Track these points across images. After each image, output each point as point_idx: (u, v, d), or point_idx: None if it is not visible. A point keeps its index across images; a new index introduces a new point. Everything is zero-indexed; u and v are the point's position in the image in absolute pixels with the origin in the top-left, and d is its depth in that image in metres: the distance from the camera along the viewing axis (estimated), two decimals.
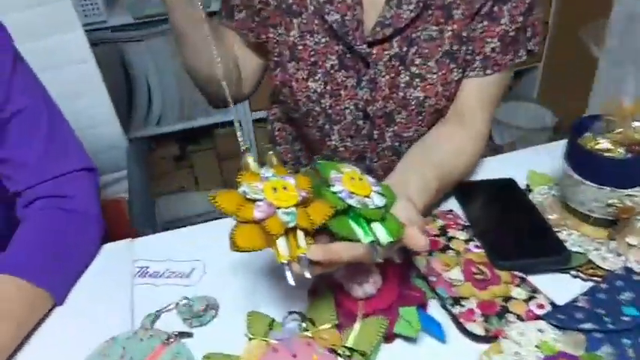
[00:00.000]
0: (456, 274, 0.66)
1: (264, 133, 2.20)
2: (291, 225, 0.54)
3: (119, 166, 1.30)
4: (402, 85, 0.82)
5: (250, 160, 0.60)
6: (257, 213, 0.54)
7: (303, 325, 0.61)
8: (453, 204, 0.80)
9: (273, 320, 0.63)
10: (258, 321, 0.63)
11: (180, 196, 2.27)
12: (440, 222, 0.75)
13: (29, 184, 0.76)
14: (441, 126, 0.84)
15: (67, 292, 0.71)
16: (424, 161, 0.75)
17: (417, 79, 0.81)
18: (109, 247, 0.79)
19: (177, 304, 0.68)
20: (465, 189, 0.81)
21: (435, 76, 0.81)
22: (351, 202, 0.58)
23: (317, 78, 0.84)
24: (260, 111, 2.03)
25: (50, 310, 0.69)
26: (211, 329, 0.65)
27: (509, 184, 0.81)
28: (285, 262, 0.54)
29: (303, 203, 0.56)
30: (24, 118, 0.76)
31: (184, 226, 0.83)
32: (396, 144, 0.89)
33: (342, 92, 0.85)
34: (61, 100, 0.83)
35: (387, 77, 0.82)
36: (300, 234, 0.55)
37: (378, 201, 0.59)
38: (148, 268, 0.74)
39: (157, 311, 0.67)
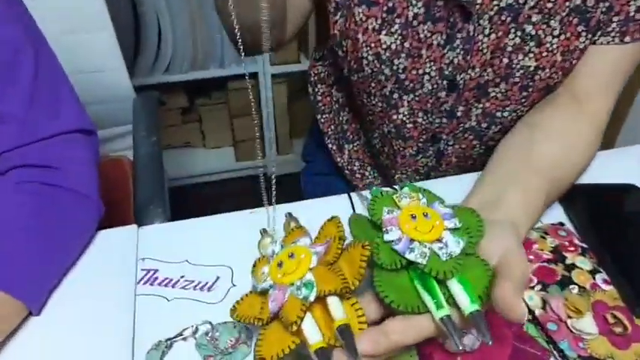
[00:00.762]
0: (586, 323, 0.48)
1: (282, 90, 2.01)
2: (311, 299, 0.39)
3: (122, 119, 1.10)
4: (509, 48, 0.61)
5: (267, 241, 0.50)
6: (271, 306, 0.41)
7: None
8: (559, 213, 0.61)
9: None
10: None
11: (185, 152, 2.07)
12: (551, 240, 0.56)
13: (5, 147, 0.57)
14: (547, 108, 0.64)
15: (46, 300, 0.53)
16: (526, 163, 0.56)
17: (532, 43, 0.60)
18: (105, 237, 0.60)
19: (195, 329, 0.49)
20: (575, 196, 0.62)
21: (555, 41, 0.60)
22: (412, 256, 0.40)
23: (393, 30, 0.63)
24: (283, 65, 1.81)
25: (24, 322, 0.51)
26: None
27: (631, 190, 0.62)
28: (321, 352, 0.38)
29: (327, 256, 0.43)
30: (0, 54, 0.55)
31: (188, 187, 0.63)
32: (483, 125, 0.69)
33: (423, 52, 0.64)
34: (55, 36, 0.63)
35: (492, 37, 0.61)
36: (332, 301, 0.40)
37: (454, 246, 0.41)
38: (156, 272, 0.56)
39: (169, 340, 0.49)
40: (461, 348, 0.37)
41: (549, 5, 0.58)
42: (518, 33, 0.60)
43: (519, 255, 0.42)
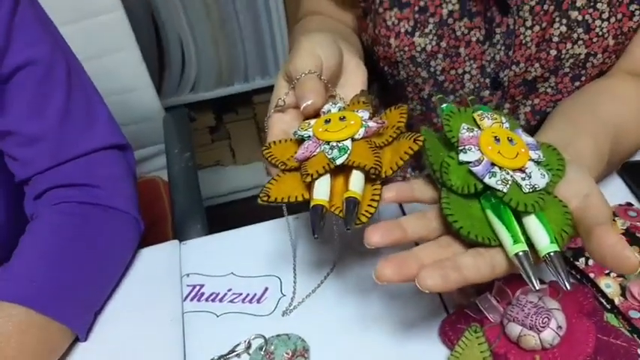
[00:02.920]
0: None
1: None
2: (338, 161, 0.38)
3: (153, 139, 1.09)
4: (556, 39, 0.57)
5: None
6: (298, 153, 0.40)
7: None
8: (625, 193, 0.57)
9: None
10: None
11: (216, 171, 2.07)
12: (621, 222, 0.51)
13: (39, 168, 0.56)
14: (603, 80, 0.59)
15: (92, 324, 0.51)
16: (592, 115, 0.51)
17: (580, 30, 0.56)
18: (147, 255, 0.58)
19: (248, 344, 0.47)
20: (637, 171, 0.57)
21: (605, 24, 0.56)
22: (492, 182, 0.36)
23: (427, 31, 0.60)
24: None
25: (71, 346, 0.50)
26: None
27: None
28: (314, 208, 0.37)
29: (376, 139, 0.40)
30: (32, 75, 0.54)
31: (221, 205, 0.61)
32: (533, 123, 0.65)
33: (461, 50, 0.61)
34: (82, 59, 0.62)
35: (536, 28, 0.57)
36: (356, 174, 0.38)
37: (538, 179, 0.37)
38: (202, 287, 0.53)
39: (222, 357, 0.46)
40: (537, 288, 0.34)
41: None
42: (564, 21, 0.56)
43: (603, 199, 0.38)
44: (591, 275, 0.46)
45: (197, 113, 1.92)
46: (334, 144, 0.39)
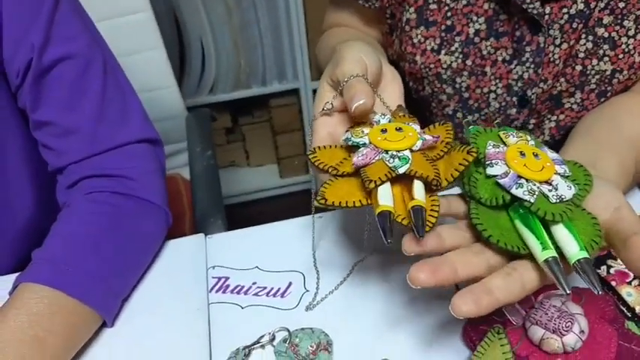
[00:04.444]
0: None
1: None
2: (400, 170, 0.39)
3: (175, 137, 1.11)
4: (582, 55, 0.58)
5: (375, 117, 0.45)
6: (356, 159, 0.40)
7: None
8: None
9: None
10: None
11: (230, 171, 2.09)
12: None
13: (74, 158, 0.57)
14: (624, 96, 0.60)
15: (119, 311, 0.52)
16: (614, 133, 0.52)
17: (605, 46, 0.57)
18: (174, 247, 0.59)
19: (272, 337, 0.48)
20: None
21: (631, 41, 0.57)
22: (519, 192, 0.37)
23: (453, 49, 0.61)
24: None
25: (98, 331, 0.51)
26: None
27: None
28: (383, 214, 0.37)
29: (429, 152, 0.42)
30: (70, 69, 0.56)
31: (234, 205, 0.63)
32: (558, 138, 0.66)
33: (487, 69, 0.62)
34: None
35: (564, 46, 0.58)
36: (417, 184, 0.39)
37: (565, 190, 0.38)
38: (228, 279, 0.54)
39: (246, 348, 0.47)
40: (568, 292, 0.35)
41: (621, 5, 0.55)
42: (590, 37, 0.57)
43: (634, 211, 0.39)
44: (613, 283, 0.47)
45: (215, 114, 1.94)
46: (394, 153, 0.40)
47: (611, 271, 0.48)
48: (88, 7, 0.64)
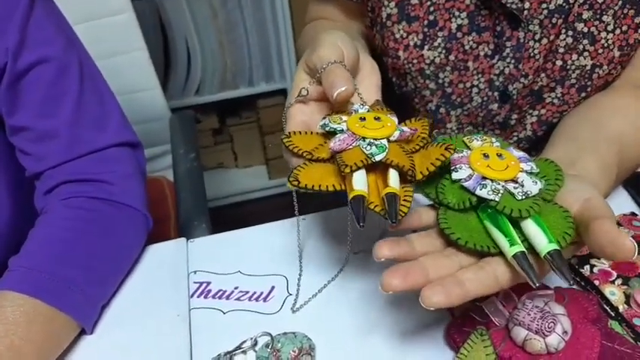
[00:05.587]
0: None
1: None
2: (377, 158, 0.39)
3: (159, 139, 1.10)
4: (562, 50, 0.58)
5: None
6: (333, 144, 0.40)
7: None
8: (628, 203, 0.57)
9: None
10: None
11: (218, 173, 2.07)
12: (626, 231, 0.52)
13: (51, 163, 0.56)
14: (609, 91, 0.60)
15: (98, 317, 0.51)
16: (595, 132, 0.52)
17: (585, 41, 0.57)
18: (154, 251, 0.58)
19: (254, 342, 0.47)
20: None
21: (610, 36, 0.57)
22: (483, 193, 0.38)
23: (436, 44, 0.61)
24: None
25: (77, 338, 0.50)
26: None
27: None
28: (357, 198, 0.37)
29: (405, 145, 0.41)
30: (46, 73, 0.55)
31: (222, 207, 0.62)
32: (540, 134, 0.66)
33: (469, 64, 0.61)
34: (93, 59, 0.62)
35: (544, 41, 0.58)
36: (393, 173, 0.39)
37: (531, 186, 0.39)
38: (209, 284, 0.54)
39: (228, 354, 0.46)
40: (537, 284, 0.35)
41: (600, 0, 0.55)
42: (570, 32, 0.57)
43: (604, 201, 0.39)
44: (596, 283, 0.47)
45: (201, 115, 1.93)
46: (372, 141, 0.40)
47: (595, 270, 0.48)
48: (68, 8, 0.63)
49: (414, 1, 0.60)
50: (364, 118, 0.42)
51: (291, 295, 0.52)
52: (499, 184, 0.39)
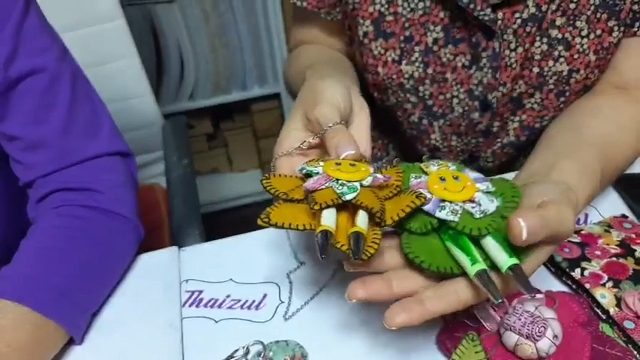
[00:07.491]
0: None
1: None
2: (347, 197, 0.39)
3: (152, 146, 1.09)
4: (537, 57, 0.58)
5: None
6: (307, 184, 0.41)
7: None
8: (619, 205, 0.58)
9: None
10: None
11: (213, 178, 2.07)
12: (616, 233, 0.52)
13: (42, 172, 0.56)
14: (591, 96, 0.60)
15: (88, 326, 0.51)
16: (577, 138, 0.53)
17: (560, 47, 0.57)
18: (146, 260, 0.58)
19: (246, 350, 0.47)
20: (636, 185, 0.58)
21: (585, 41, 0.57)
22: (442, 214, 0.39)
23: (413, 58, 0.61)
24: None
25: (68, 348, 0.50)
26: None
27: None
28: (323, 232, 0.38)
29: (379, 191, 0.42)
30: (37, 83, 0.55)
31: (217, 212, 0.62)
32: (523, 139, 0.66)
33: (448, 76, 0.62)
34: (83, 66, 0.62)
35: (520, 50, 0.58)
36: (362, 214, 0.39)
37: (488, 204, 0.40)
38: (201, 293, 0.54)
39: None
40: (499, 301, 0.35)
41: (572, 6, 0.56)
42: (544, 39, 0.58)
43: (562, 204, 0.39)
44: (587, 286, 0.47)
45: (195, 121, 1.93)
46: (344, 182, 0.40)
47: (585, 273, 0.48)
48: (60, 16, 0.63)
49: (389, 17, 0.60)
50: (340, 163, 0.43)
51: (283, 302, 0.52)
52: (457, 204, 0.40)
